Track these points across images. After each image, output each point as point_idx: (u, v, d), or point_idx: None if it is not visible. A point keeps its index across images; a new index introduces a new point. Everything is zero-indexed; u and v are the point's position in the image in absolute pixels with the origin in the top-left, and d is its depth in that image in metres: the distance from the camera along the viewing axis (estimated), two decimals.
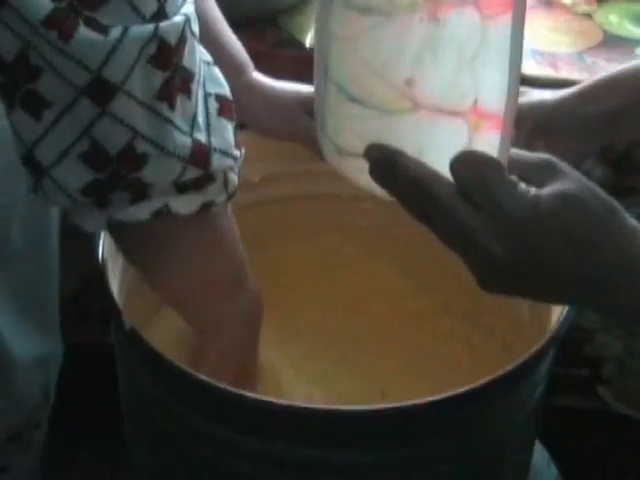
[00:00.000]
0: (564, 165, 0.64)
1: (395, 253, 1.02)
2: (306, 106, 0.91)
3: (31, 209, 0.90)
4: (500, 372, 0.72)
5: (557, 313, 0.77)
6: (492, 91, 0.60)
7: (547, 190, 0.61)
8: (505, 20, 0.58)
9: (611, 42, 1.19)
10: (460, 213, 0.61)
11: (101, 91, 0.60)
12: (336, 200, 1.00)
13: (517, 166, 0.63)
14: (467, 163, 0.62)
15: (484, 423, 0.76)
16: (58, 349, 1.05)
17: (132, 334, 0.74)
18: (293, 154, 0.95)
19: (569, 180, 0.62)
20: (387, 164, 0.64)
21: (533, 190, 0.61)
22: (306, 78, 0.91)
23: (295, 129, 0.92)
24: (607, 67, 1.15)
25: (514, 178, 0.61)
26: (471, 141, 0.62)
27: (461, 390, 0.70)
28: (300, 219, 1.01)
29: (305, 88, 0.92)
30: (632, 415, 1.33)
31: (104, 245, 0.80)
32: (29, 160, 0.64)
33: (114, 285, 0.79)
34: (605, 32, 1.20)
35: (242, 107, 0.74)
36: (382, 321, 1.02)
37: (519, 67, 0.60)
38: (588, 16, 1.24)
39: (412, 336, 1.01)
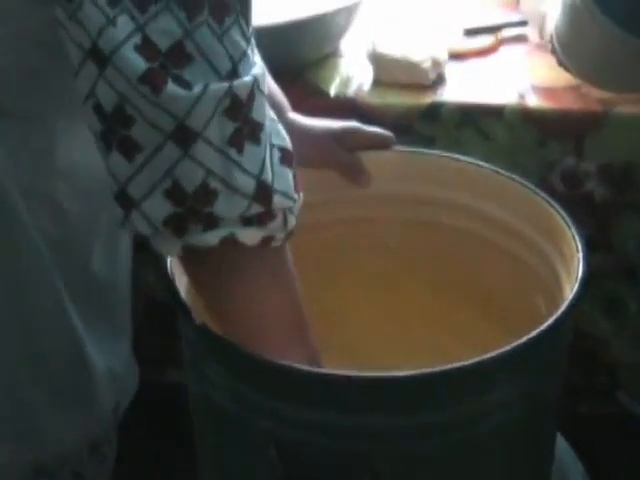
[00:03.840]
0: None
1: (424, 269, 1.10)
2: (337, 138, 1.04)
3: (109, 236, 0.97)
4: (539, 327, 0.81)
5: None
6: None
7: None
8: None
9: None
10: None
11: (184, 137, 0.70)
12: (369, 223, 1.09)
13: None
14: None
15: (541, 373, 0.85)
16: (130, 369, 1.08)
17: (202, 328, 0.82)
18: (329, 183, 1.05)
19: None
20: None
21: None
22: None
23: (329, 158, 1.04)
24: (599, 95, 1.29)
25: None
26: None
27: (512, 344, 0.79)
28: (339, 242, 1.09)
29: (334, 123, 1.05)
30: None
31: (172, 261, 0.89)
32: (121, 196, 0.73)
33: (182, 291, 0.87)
34: None
35: None
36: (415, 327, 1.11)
37: None
38: None
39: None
